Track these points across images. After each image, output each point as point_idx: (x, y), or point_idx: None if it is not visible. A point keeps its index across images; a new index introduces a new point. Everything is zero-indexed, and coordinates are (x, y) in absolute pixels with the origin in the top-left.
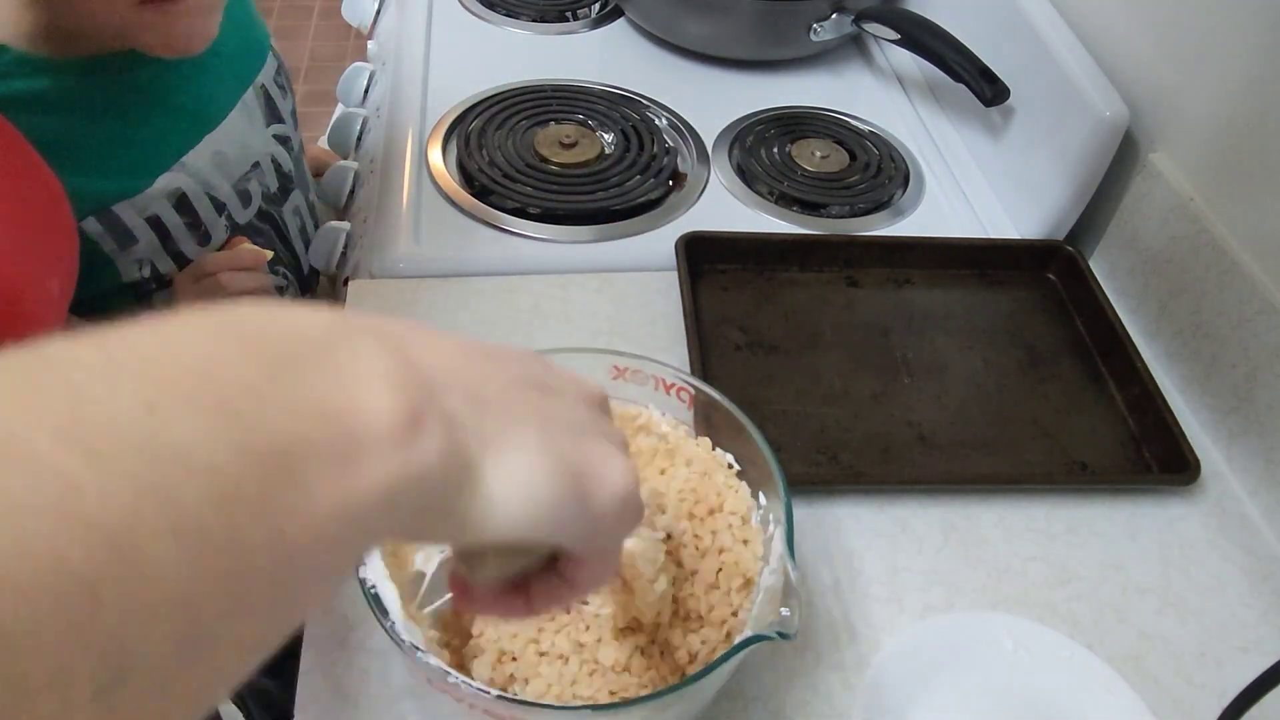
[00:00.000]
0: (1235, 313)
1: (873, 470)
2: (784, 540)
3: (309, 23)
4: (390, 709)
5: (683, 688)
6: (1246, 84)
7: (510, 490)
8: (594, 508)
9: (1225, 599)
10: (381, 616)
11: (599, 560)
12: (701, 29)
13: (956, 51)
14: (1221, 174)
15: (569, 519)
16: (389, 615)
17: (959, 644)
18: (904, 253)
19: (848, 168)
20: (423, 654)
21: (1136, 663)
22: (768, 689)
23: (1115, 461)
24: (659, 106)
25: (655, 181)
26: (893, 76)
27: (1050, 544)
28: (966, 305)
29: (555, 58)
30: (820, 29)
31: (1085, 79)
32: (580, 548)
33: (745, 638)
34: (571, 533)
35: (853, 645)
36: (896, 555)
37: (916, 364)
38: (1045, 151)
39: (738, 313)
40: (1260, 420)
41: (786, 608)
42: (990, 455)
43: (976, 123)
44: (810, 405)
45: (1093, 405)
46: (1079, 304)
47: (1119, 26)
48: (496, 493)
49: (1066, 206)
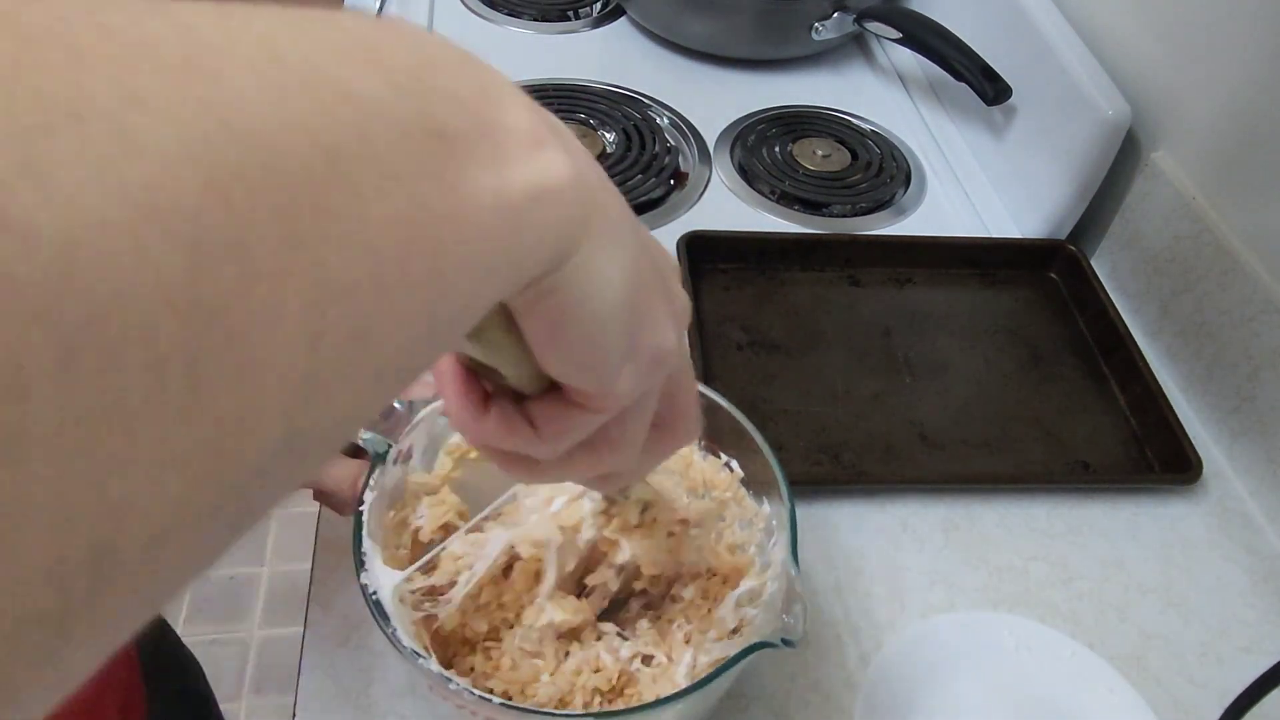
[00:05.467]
0: (1237, 312)
1: (874, 469)
2: (787, 546)
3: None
4: (390, 709)
5: (686, 694)
6: (1249, 83)
7: (591, 274)
8: (638, 343)
9: (1227, 598)
10: (383, 623)
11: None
12: (703, 28)
13: (958, 50)
14: (1224, 173)
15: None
16: (390, 621)
17: (960, 643)
18: (906, 252)
19: (849, 167)
20: (425, 661)
21: (1138, 662)
22: (768, 688)
23: (1117, 461)
24: (660, 105)
25: (657, 180)
26: (894, 75)
27: (1052, 543)
28: (968, 304)
29: (556, 57)
30: (822, 28)
31: (1087, 78)
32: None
33: (749, 644)
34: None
35: (854, 644)
36: (898, 554)
37: (918, 363)
38: (1047, 150)
39: (739, 312)
40: (1263, 420)
41: (790, 614)
42: (992, 455)
43: (978, 122)
44: (812, 404)
45: (1094, 404)
46: (1081, 303)
47: (1121, 25)
48: (588, 263)
49: (1068, 205)
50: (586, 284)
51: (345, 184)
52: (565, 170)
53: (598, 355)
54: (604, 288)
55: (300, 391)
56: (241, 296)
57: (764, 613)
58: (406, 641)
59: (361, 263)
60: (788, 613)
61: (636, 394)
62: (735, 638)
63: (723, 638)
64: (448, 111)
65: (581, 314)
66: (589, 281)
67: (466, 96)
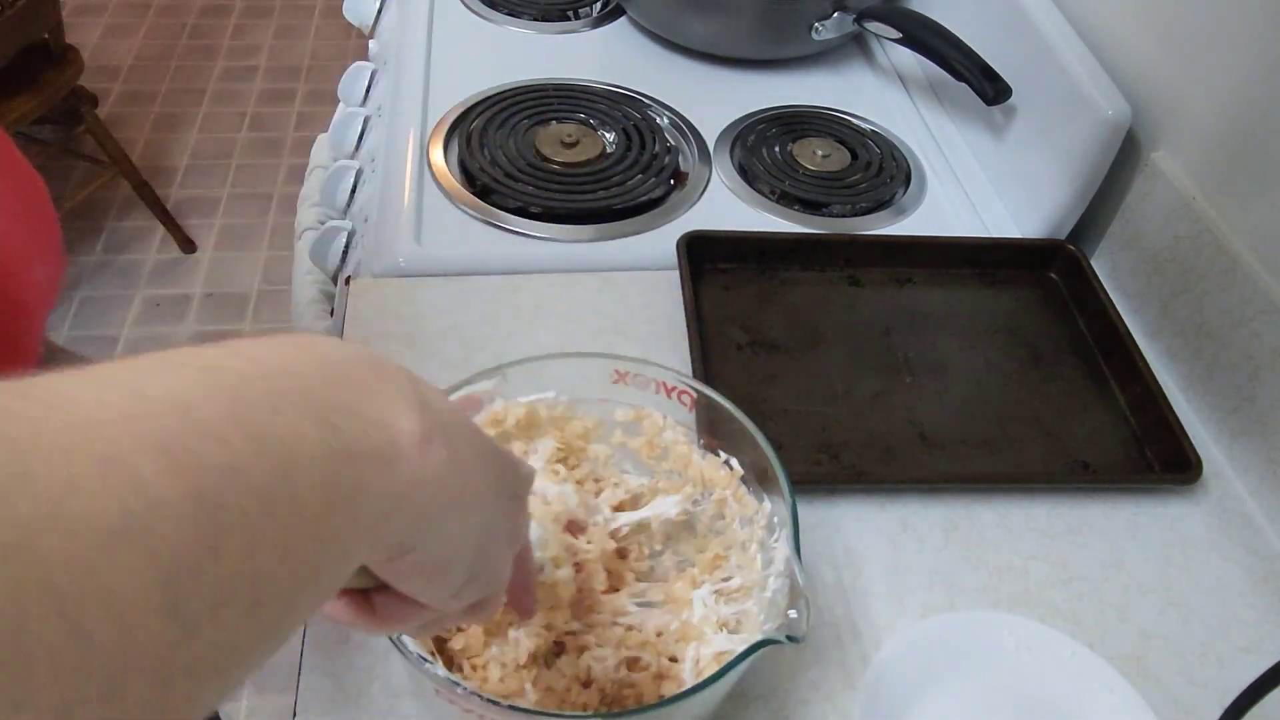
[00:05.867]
0: (1237, 312)
1: (874, 469)
2: (790, 543)
3: (310, 22)
4: (391, 709)
5: (689, 695)
6: (1249, 83)
7: (447, 537)
8: (476, 575)
9: (1227, 598)
10: None
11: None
12: (703, 28)
13: (958, 50)
14: (1224, 173)
15: (457, 576)
16: None
17: (960, 643)
18: (905, 252)
19: (849, 167)
20: (431, 664)
21: (1138, 662)
22: (769, 688)
23: (1117, 461)
24: (660, 105)
25: (657, 180)
26: (894, 75)
27: (1052, 543)
28: (968, 304)
29: (556, 57)
30: (822, 28)
31: (1087, 78)
32: (434, 600)
33: (754, 642)
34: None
35: (854, 644)
36: (898, 554)
37: (918, 363)
38: (1047, 150)
39: (739, 312)
40: (1262, 419)
41: (795, 610)
42: (992, 454)
43: (978, 122)
44: (812, 404)
45: (1094, 404)
46: (1081, 303)
47: (1121, 25)
48: (444, 529)
49: (1068, 205)
50: (441, 544)
51: (273, 522)
52: (443, 461)
53: (442, 589)
54: (457, 543)
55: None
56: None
57: (767, 609)
58: (413, 646)
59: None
60: (792, 608)
61: (469, 603)
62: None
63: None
64: (355, 431)
65: (433, 564)
66: (444, 541)
67: (372, 411)
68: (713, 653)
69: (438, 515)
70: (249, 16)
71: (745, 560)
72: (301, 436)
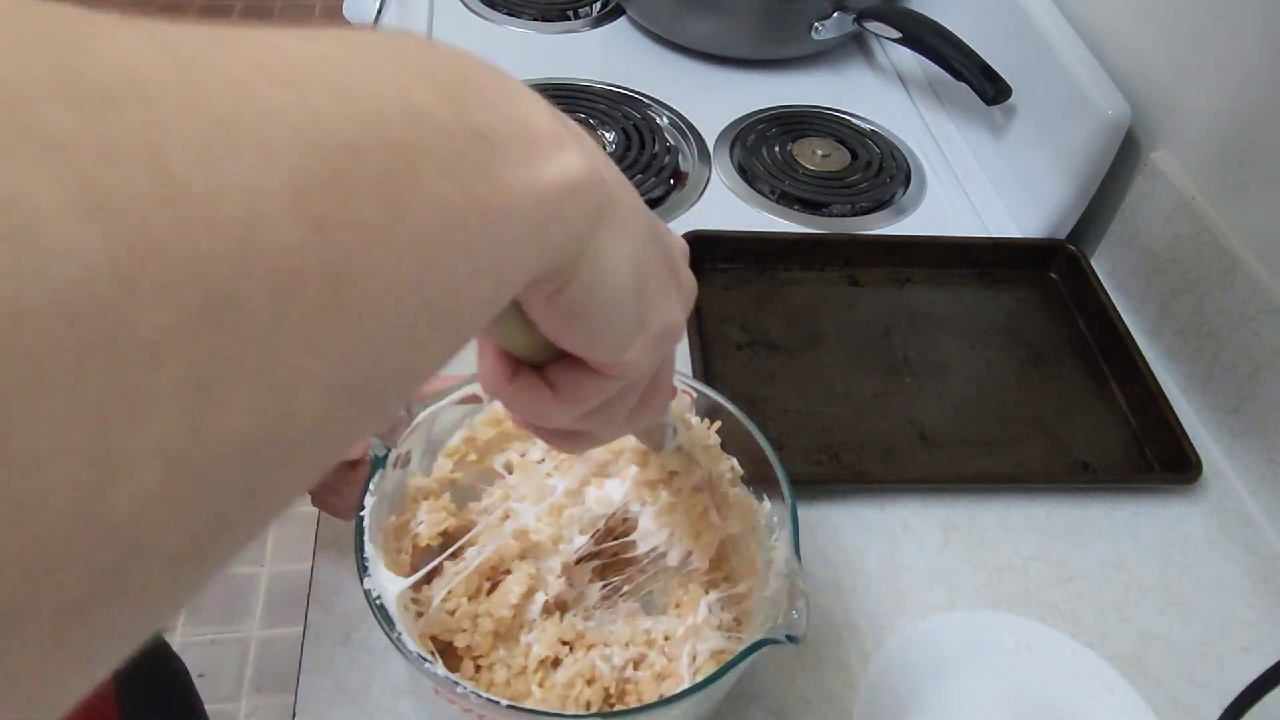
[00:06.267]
0: (1237, 312)
1: (874, 469)
2: (790, 543)
3: (310, 22)
4: (391, 709)
5: (688, 694)
6: (1248, 82)
7: (603, 263)
8: (646, 320)
9: (1227, 598)
10: (388, 628)
11: (618, 366)
12: (703, 27)
13: (958, 50)
14: (1223, 173)
15: (624, 314)
16: (395, 627)
17: (960, 643)
18: (905, 252)
19: (849, 166)
20: (431, 665)
21: (1138, 662)
22: (769, 688)
23: (1117, 461)
24: (660, 105)
25: (656, 180)
26: (894, 75)
27: (1051, 543)
28: (968, 304)
29: (556, 56)
30: (822, 27)
31: (1087, 78)
32: (606, 351)
33: (754, 641)
34: (616, 329)
35: (854, 644)
36: (898, 554)
37: (918, 363)
38: (1047, 150)
39: (739, 311)
40: (1262, 419)
41: (795, 610)
42: (992, 454)
43: (978, 121)
44: (811, 404)
45: (1094, 404)
46: (1081, 303)
47: (1121, 25)
48: (600, 254)
49: (1068, 205)
50: (599, 272)
51: (410, 173)
52: (584, 167)
53: (611, 334)
54: (614, 274)
55: (403, 338)
56: (357, 254)
57: (767, 609)
58: (412, 646)
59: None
60: (792, 608)
61: (647, 364)
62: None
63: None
64: (487, 116)
65: (595, 299)
66: (601, 270)
67: (500, 103)
68: (711, 651)
69: (588, 233)
70: (249, 16)
71: (744, 561)
72: (430, 106)
